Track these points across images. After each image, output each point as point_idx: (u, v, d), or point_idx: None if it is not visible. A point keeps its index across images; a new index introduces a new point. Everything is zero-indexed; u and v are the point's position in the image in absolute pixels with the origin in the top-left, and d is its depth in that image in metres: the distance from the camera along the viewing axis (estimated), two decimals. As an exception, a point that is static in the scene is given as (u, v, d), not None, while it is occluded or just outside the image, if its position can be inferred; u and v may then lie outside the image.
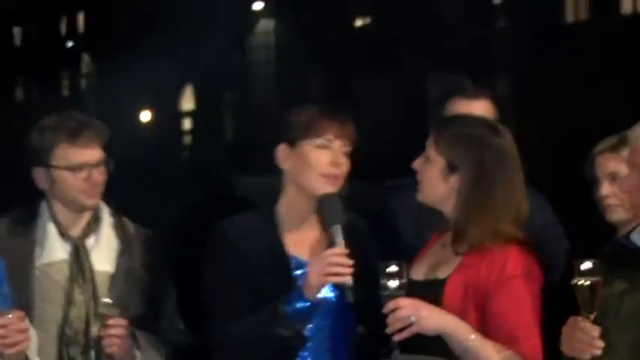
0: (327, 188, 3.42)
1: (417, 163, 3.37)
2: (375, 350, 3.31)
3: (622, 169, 3.53)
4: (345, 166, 3.46)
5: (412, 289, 3.25)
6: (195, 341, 3.76)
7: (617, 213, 3.69)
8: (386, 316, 3.22)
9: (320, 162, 3.42)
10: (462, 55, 18.50)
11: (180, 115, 28.02)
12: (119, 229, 3.65)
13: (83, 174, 3.56)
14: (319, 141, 3.42)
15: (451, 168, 3.30)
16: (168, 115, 26.59)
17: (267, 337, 3.31)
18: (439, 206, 3.36)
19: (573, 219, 4.20)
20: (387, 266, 3.16)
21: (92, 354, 3.45)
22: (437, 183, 3.33)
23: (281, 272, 3.39)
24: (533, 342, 3.19)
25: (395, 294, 3.16)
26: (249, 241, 3.44)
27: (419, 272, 3.31)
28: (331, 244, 3.32)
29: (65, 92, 31.42)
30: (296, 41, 23.67)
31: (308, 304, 3.29)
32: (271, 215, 3.50)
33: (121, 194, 3.81)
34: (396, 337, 3.14)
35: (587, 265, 3.03)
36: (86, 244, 3.60)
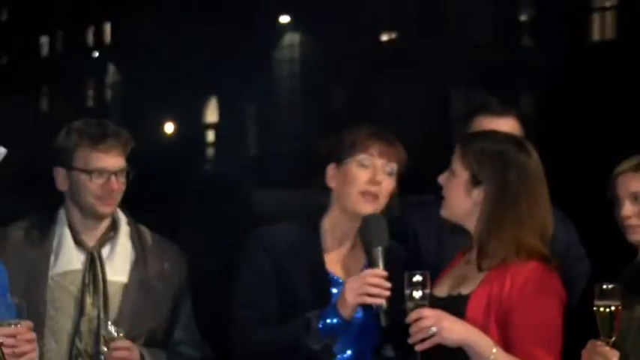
0: (366, 206, 3.42)
1: (442, 178, 3.36)
2: None
3: (644, 188, 3.52)
4: (385, 185, 3.45)
5: (434, 306, 3.24)
6: (210, 353, 3.75)
7: (638, 234, 3.67)
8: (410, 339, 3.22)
9: (359, 179, 3.43)
10: (488, 72, 18.48)
11: (204, 127, 28.10)
12: (136, 238, 3.64)
13: (101, 179, 3.55)
14: (361, 157, 3.43)
15: (475, 182, 3.29)
16: (192, 127, 26.66)
17: (296, 348, 3.31)
18: (462, 222, 3.35)
19: (595, 239, 4.18)
20: (412, 276, 3.16)
21: None
22: (461, 197, 3.32)
23: (319, 288, 3.39)
24: None
25: (418, 304, 3.16)
26: (288, 252, 3.43)
27: (442, 289, 3.31)
28: (371, 265, 3.32)
29: (90, 103, 31.56)
30: (320, 55, 23.70)
31: (340, 321, 3.29)
32: (316, 230, 3.49)
33: (143, 204, 3.81)
34: (418, 348, 3.13)
35: (607, 289, 3.01)
36: (101, 254, 3.59)
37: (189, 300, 3.70)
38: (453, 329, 3.13)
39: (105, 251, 3.57)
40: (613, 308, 2.99)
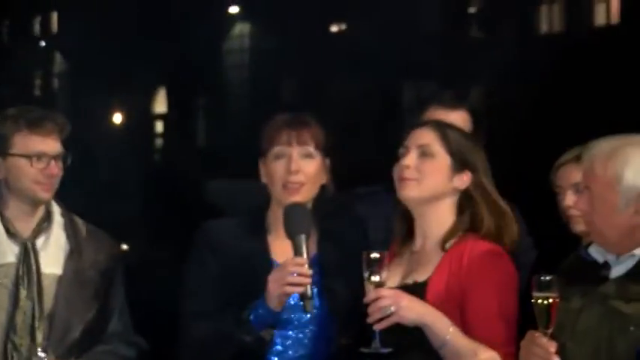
0: (290, 198, 3.41)
1: (410, 160, 3.33)
2: None
3: (586, 179, 3.55)
4: (307, 170, 3.42)
5: None
6: (146, 347, 3.72)
7: (581, 224, 3.70)
8: (368, 326, 3.23)
9: (278, 172, 3.42)
10: (438, 64, 18.54)
11: (152, 118, 27.91)
12: (70, 229, 3.60)
13: (41, 164, 3.51)
14: (276, 150, 3.42)
15: (459, 167, 3.31)
16: (141, 117, 26.48)
17: (229, 340, 3.30)
18: (427, 204, 3.34)
19: (541, 230, 4.21)
20: (369, 255, 3.17)
21: None
22: (441, 180, 3.32)
23: (262, 276, 3.39)
24: (507, 350, 3.19)
25: (376, 283, 3.17)
26: (233, 243, 3.43)
27: (393, 279, 3.31)
28: (295, 253, 3.32)
29: (37, 92, 31.23)
30: (270, 45, 23.63)
31: (269, 312, 3.29)
32: (260, 220, 3.49)
33: (91, 194, 3.79)
34: (376, 327, 3.14)
35: (545, 280, 3.04)
36: (35, 245, 3.55)
37: (123, 291, 3.67)
38: (411, 308, 3.15)
39: (39, 242, 3.54)
40: (551, 300, 3.02)
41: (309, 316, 3.43)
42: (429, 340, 3.22)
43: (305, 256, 3.34)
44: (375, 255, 3.23)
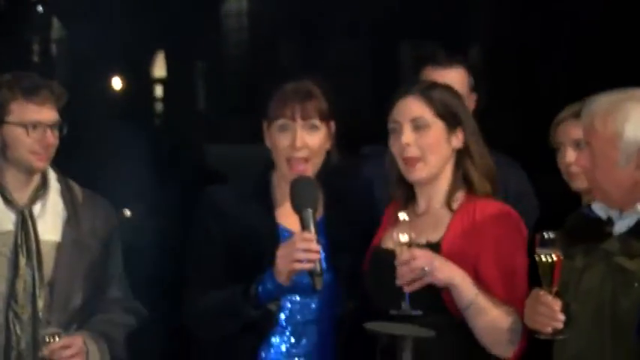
0: (292, 172, 3.42)
1: (407, 136, 3.33)
2: (363, 324, 3.33)
3: (586, 135, 3.54)
4: (312, 143, 3.43)
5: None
6: (146, 314, 3.72)
7: (581, 180, 3.70)
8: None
9: (281, 145, 3.44)
10: (435, 23, 18.47)
11: (152, 82, 27.87)
12: (67, 195, 3.61)
13: (37, 133, 3.51)
14: (279, 123, 3.42)
15: (452, 127, 3.32)
16: (140, 82, 26.43)
17: (236, 314, 3.31)
18: (436, 176, 3.34)
19: (543, 187, 4.21)
20: (397, 217, 3.17)
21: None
22: (442, 149, 3.34)
23: (267, 238, 3.40)
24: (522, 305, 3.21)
25: (406, 245, 3.17)
26: (237, 206, 3.44)
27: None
28: (303, 228, 3.32)
29: (35, 58, 31.15)
30: (269, 8, 23.56)
31: (277, 286, 3.29)
32: (266, 182, 3.49)
33: (91, 161, 3.78)
34: (408, 289, 3.15)
35: (548, 238, 3.05)
36: (33, 212, 3.54)
37: (121, 256, 3.67)
38: (443, 269, 3.18)
39: (36, 209, 3.55)
40: (554, 258, 3.03)
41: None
42: (455, 300, 3.24)
43: (313, 230, 3.34)
44: (403, 217, 3.23)
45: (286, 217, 3.49)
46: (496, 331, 3.21)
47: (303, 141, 3.46)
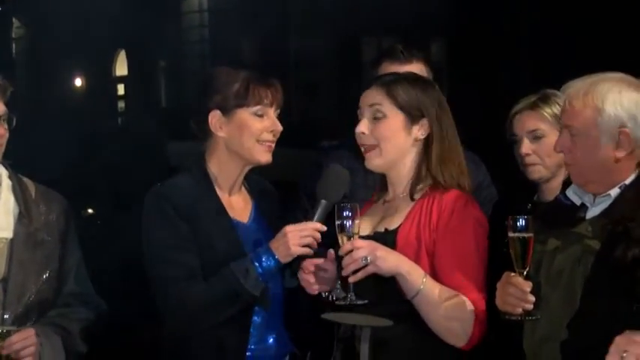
0: (263, 155, 3.47)
1: (363, 125, 3.35)
2: (305, 303, 3.38)
3: (542, 126, 3.59)
4: (279, 131, 3.49)
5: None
6: (106, 308, 3.71)
7: (537, 171, 3.73)
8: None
9: (255, 128, 3.45)
10: (397, 17, 18.52)
11: (113, 81, 27.72)
12: (18, 192, 3.56)
13: None
14: (255, 109, 3.44)
15: (413, 119, 3.32)
16: (102, 80, 26.29)
17: (236, 297, 3.33)
18: (394, 165, 3.36)
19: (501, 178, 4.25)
20: (342, 209, 3.19)
21: None
22: (400, 138, 3.34)
23: (227, 233, 3.43)
24: (479, 295, 3.23)
25: (350, 236, 3.19)
26: (191, 204, 3.45)
27: (364, 229, 3.34)
28: (311, 213, 3.36)
29: (-5, 58, 30.91)
30: (230, 5, 23.49)
31: (277, 263, 3.33)
32: (206, 177, 3.51)
33: (54, 158, 3.77)
34: (352, 279, 3.16)
35: (520, 221, 3.09)
36: None
37: (79, 250, 3.65)
38: (386, 258, 3.17)
39: None
40: (525, 240, 3.06)
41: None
42: (403, 289, 3.25)
43: (316, 219, 3.40)
44: (347, 210, 3.24)
45: (231, 209, 3.53)
46: (446, 320, 3.22)
47: (279, 126, 3.52)
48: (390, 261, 3.20)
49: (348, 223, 3.20)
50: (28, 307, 3.49)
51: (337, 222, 3.23)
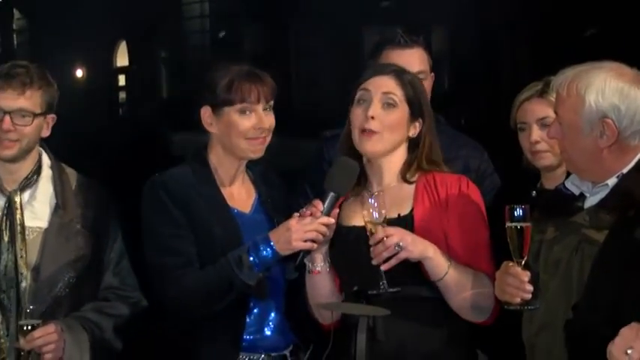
0: (254, 150, 3.46)
1: (374, 110, 3.34)
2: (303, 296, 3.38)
3: (551, 113, 3.59)
4: (269, 122, 3.48)
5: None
6: (145, 304, 3.70)
7: (546, 159, 3.72)
8: None
9: (243, 126, 3.45)
10: (398, 9, 18.52)
11: (114, 72, 27.73)
12: (58, 182, 3.59)
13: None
14: (240, 107, 3.44)
15: (415, 115, 3.35)
16: (103, 71, 26.30)
17: (231, 286, 3.33)
18: (388, 153, 3.37)
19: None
20: (368, 198, 3.18)
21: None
22: (401, 131, 3.36)
23: (227, 222, 3.43)
24: (493, 269, 3.24)
25: (378, 224, 3.17)
26: (190, 194, 3.45)
27: (357, 219, 3.33)
28: (324, 208, 3.35)
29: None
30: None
31: (271, 255, 3.32)
32: (206, 169, 3.51)
33: (54, 150, 3.76)
34: (385, 267, 3.15)
35: (517, 211, 3.09)
36: (21, 198, 3.54)
37: (120, 243, 3.65)
38: (416, 243, 3.18)
39: (25, 196, 3.53)
40: (523, 229, 3.06)
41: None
42: (429, 272, 3.26)
43: (327, 214, 3.39)
44: (373, 199, 3.23)
45: (231, 199, 3.53)
46: (473, 296, 3.25)
47: (266, 120, 3.50)
48: (419, 245, 3.22)
49: (375, 213, 3.19)
50: (59, 299, 3.50)
51: (364, 211, 3.22)
